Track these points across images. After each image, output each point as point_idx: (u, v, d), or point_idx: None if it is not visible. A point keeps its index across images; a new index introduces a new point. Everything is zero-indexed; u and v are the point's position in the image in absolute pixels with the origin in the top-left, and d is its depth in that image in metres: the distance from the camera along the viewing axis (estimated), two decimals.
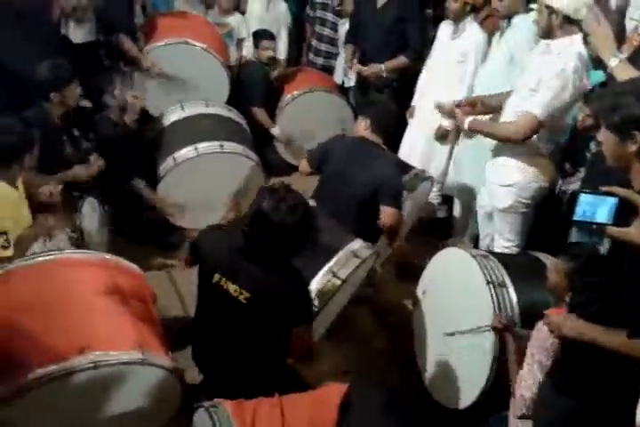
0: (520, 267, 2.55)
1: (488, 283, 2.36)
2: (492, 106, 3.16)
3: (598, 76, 3.17)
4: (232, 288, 2.02)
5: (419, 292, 2.90)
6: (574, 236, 2.50)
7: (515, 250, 3.11)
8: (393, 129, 3.27)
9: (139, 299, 2.20)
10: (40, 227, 2.46)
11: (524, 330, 2.19)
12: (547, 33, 2.75)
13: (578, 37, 2.71)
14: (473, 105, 3.17)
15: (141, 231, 3.59)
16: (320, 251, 2.45)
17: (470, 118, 3.01)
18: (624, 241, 1.30)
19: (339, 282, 2.44)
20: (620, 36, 3.23)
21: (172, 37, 4.23)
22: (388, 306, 3.30)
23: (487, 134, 2.98)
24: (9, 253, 2.29)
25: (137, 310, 2.12)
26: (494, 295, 2.34)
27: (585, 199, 1.26)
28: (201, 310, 2.23)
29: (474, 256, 2.49)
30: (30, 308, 1.93)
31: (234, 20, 4.95)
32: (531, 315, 2.16)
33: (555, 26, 2.70)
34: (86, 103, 3.88)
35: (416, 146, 4.02)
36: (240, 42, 4.98)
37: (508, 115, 2.94)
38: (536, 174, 2.95)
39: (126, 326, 2.00)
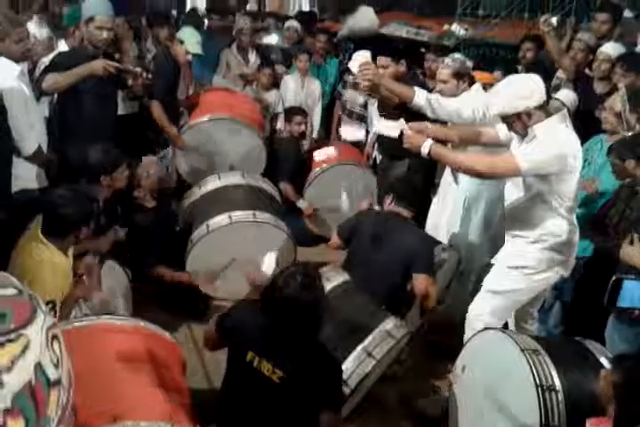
0: (569, 362, 2.42)
1: (537, 387, 2.26)
2: (439, 136, 2.97)
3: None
4: (266, 367, 1.99)
5: (458, 366, 2.82)
6: (611, 323, 2.45)
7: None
8: (417, 202, 3.36)
9: (170, 368, 2.19)
10: (79, 291, 2.48)
11: None
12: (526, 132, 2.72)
13: (553, 120, 2.67)
14: (419, 132, 2.90)
15: (165, 294, 3.60)
16: (354, 329, 2.43)
17: (431, 142, 2.74)
18: None
19: (373, 362, 2.39)
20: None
21: (215, 113, 4.50)
22: (417, 385, 3.21)
23: (452, 162, 2.77)
24: None
25: (168, 380, 2.09)
26: (542, 400, 2.24)
27: (629, 285, 1.25)
28: (229, 387, 2.19)
29: (522, 351, 2.39)
30: None
31: (271, 95, 5.19)
32: (576, 417, 2.07)
33: (529, 123, 2.66)
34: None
35: (443, 218, 4.04)
36: (275, 116, 5.20)
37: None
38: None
39: (157, 397, 1.97)
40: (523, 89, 2.64)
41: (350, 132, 5.43)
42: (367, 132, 5.31)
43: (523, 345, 2.48)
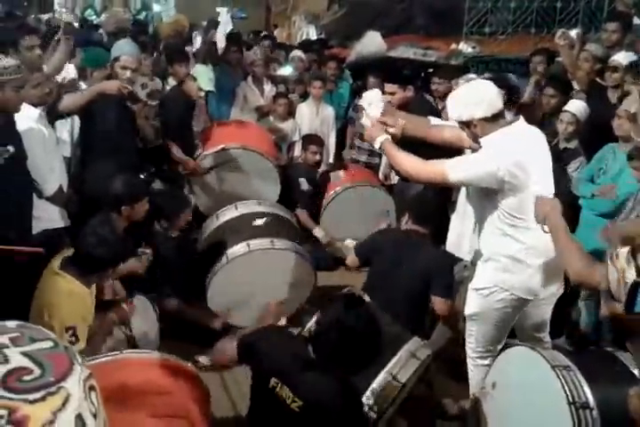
0: (602, 377, 2.37)
1: (570, 404, 2.20)
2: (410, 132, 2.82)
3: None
4: (286, 395, 1.96)
5: (488, 383, 2.75)
6: None
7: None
8: (434, 219, 3.31)
9: (194, 400, 2.17)
10: (105, 324, 2.50)
11: None
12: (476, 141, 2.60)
13: (504, 131, 2.54)
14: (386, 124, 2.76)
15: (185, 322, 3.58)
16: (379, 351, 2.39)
17: (387, 137, 2.65)
18: None
19: (399, 385, 2.35)
20: None
21: (228, 142, 4.58)
22: (442, 405, 3.14)
23: (393, 160, 2.66)
24: (77, 347, 2.32)
25: (191, 414, 2.07)
26: (576, 418, 2.18)
27: None
28: (254, 414, 2.16)
29: (553, 367, 2.32)
30: None
31: (288, 125, 5.25)
32: None
33: (478, 133, 2.55)
34: None
35: (464, 235, 3.99)
36: (292, 145, 5.26)
37: None
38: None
39: None
40: (472, 97, 2.52)
41: (364, 153, 5.46)
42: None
43: (553, 362, 2.41)
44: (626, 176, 3.30)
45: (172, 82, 4.92)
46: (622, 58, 4.08)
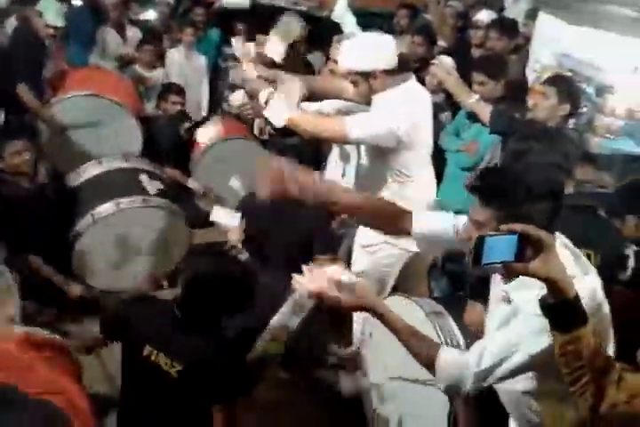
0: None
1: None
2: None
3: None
4: (162, 361, 1.90)
5: (366, 333, 2.85)
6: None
7: None
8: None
9: (66, 375, 2.02)
10: None
11: None
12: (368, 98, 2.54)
13: (401, 88, 2.51)
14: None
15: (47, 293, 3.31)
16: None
17: (271, 90, 2.47)
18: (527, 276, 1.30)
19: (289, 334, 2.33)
20: (523, 88, 3.51)
21: (79, 90, 4.18)
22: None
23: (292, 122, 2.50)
24: None
25: (66, 389, 1.93)
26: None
27: (489, 242, 1.27)
28: (127, 387, 2.06)
29: (427, 314, 2.44)
30: None
31: (157, 73, 4.90)
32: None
33: (377, 87, 2.48)
34: None
35: None
36: None
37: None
38: None
39: None
40: (374, 46, 2.46)
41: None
42: None
43: (427, 309, 2.55)
44: (488, 131, 3.49)
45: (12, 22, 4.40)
46: (484, 16, 4.26)
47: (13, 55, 4.03)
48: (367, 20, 5.72)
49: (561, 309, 1.27)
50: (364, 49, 2.46)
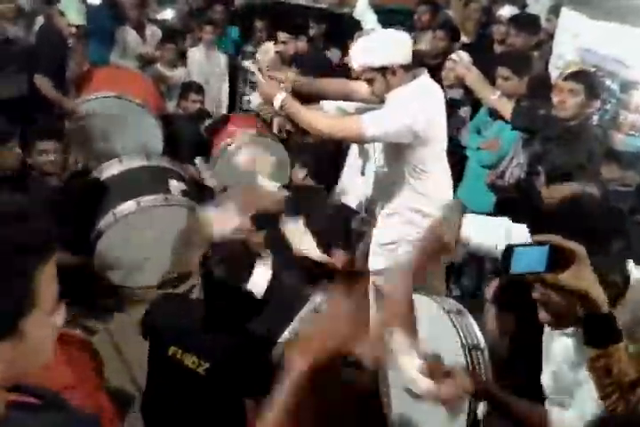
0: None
1: (463, 346, 2.28)
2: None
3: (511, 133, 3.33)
4: (189, 360, 1.89)
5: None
6: None
7: None
8: (329, 174, 3.31)
9: (89, 370, 2.05)
10: None
11: None
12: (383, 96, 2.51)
13: (414, 84, 2.48)
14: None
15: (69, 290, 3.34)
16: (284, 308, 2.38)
17: (285, 94, 2.47)
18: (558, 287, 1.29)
19: None
20: (547, 84, 3.45)
21: (103, 91, 4.21)
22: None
23: (300, 118, 2.48)
24: None
25: (86, 384, 1.96)
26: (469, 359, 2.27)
27: (518, 251, 1.27)
28: (153, 385, 2.06)
29: (447, 312, 2.39)
30: None
31: (179, 73, 4.92)
32: None
33: (393, 83, 2.45)
34: None
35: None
36: None
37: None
38: None
39: None
40: (390, 41, 2.44)
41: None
42: None
43: (446, 307, 2.53)
44: (509, 128, 3.45)
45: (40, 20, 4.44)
46: (506, 11, 4.21)
47: (39, 53, 4.08)
48: (387, 18, 5.72)
49: (592, 322, 1.25)
50: (382, 44, 2.45)
